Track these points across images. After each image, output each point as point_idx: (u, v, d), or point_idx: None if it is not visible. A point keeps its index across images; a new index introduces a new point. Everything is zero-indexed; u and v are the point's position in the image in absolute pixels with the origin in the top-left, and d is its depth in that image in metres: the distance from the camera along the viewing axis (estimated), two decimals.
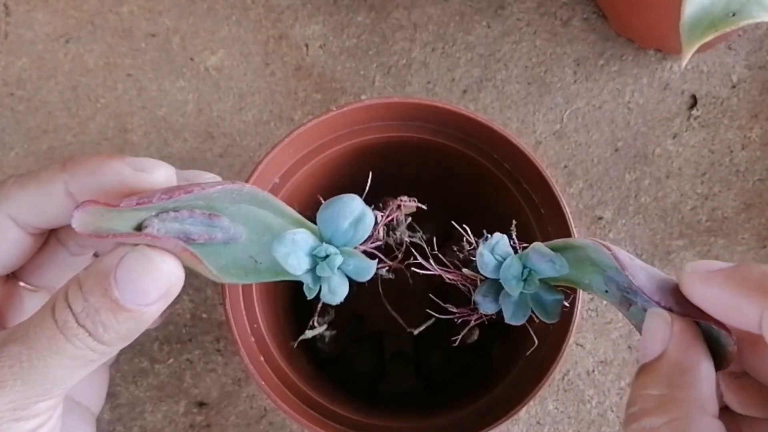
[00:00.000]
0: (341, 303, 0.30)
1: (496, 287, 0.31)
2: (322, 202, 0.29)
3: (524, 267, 0.30)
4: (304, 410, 0.38)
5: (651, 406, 0.24)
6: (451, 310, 0.32)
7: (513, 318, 0.31)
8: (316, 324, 0.36)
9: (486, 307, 0.31)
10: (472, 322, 0.32)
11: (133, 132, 0.52)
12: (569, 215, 0.38)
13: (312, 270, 0.29)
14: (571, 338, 0.37)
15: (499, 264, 0.30)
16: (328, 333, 0.38)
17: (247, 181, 0.38)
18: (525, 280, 0.30)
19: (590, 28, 0.53)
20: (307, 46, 0.53)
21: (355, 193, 0.30)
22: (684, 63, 0.35)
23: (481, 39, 0.53)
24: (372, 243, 0.30)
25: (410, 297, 0.40)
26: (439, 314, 0.33)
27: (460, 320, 0.32)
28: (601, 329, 0.50)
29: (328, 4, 0.54)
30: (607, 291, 0.29)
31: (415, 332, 0.39)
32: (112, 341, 0.27)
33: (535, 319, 0.31)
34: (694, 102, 0.52)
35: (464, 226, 0.32)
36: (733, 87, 0.52)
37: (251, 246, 0.28)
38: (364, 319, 0.49)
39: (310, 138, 0.40)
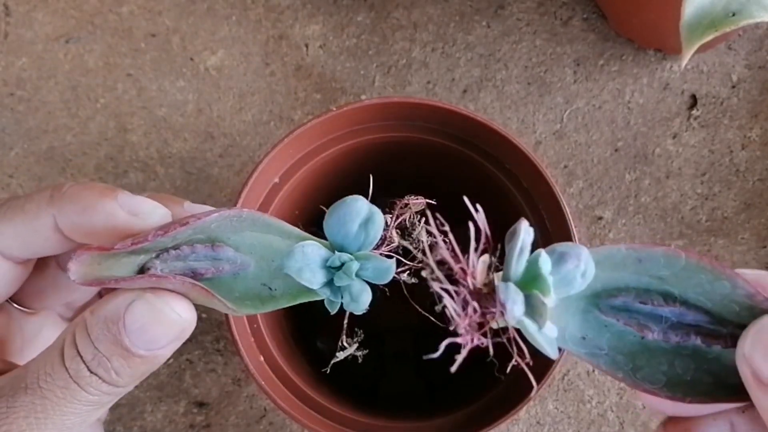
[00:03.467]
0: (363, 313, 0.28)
1: (520, 292, 0.24)
2: (325, 210, 0.28)
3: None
4: (304, 410, 0.38)
5: None
6: (464, 320, 0.25)
7: (547, 329, 0.24)
8: (345, 344, 0.34)
9: (516, 312, 0.23)
10: (483, 340, 0.25)
11: (133, 132, 0.52)
12: (569, 215, 0.38)
13: (329, 282, 0.27)
14: None
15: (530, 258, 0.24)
16: (359, 353, 0.36)
17: (247, 181, 0.38)
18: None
19: (590, 28, 0.53)
20: (307, 46, 0.53)
21: (356, 193, 0.29)
22: (684, 63, 0.35)
23: (481, 39, 0.53)
24: (386, 247, 0.29)
25: (414, 294, 0.40)
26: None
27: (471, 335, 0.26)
28: None
29: (328, 4, 0.54)
30: (584, 337, 0.24)
31: (453, 369, 0.34)
32: (126, 383, 0.27)
33: (524, 353, 0.25)
34: (694, 102, 0.52)
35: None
36: (733, 87, 0.52)
37: (262, 273, 0.27)
38: (364, 319, 0.49)
39: (310, 138, 0.40)
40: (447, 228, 0.27)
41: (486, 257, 0.25)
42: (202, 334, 0.49)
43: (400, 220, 0.31)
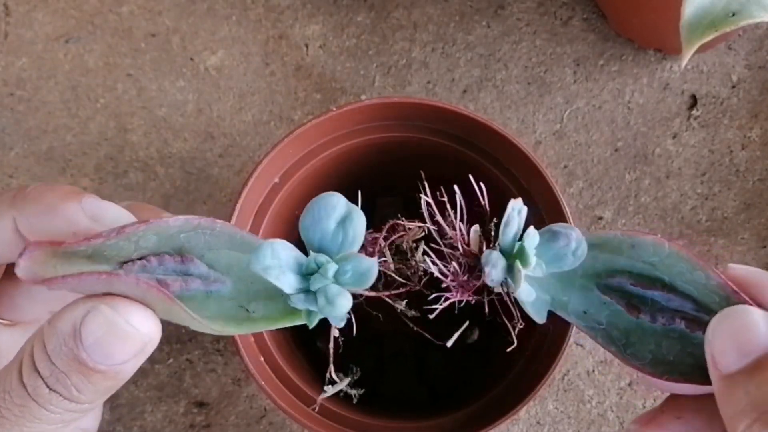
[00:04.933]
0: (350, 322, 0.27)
1: (504, 259, 0.28)
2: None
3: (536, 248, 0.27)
4: (304, 410, 0.38)
5: None
6: (449, 278, 0.28)
7: (523, 292, 0.27)
8: (336, 378, 0.31)
9: (495, 275, 0.27)
10: (470, 298, 0.29)
11: (133, 132, 0.52)
12: (569, 215, 0.38)
13: (305, 291, 0.25)
14: (571, 338, 0.37)
15: (518, 233, 0.27)
16: (354, 392, 0.33)
17: (247, 181, 0.38)
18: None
19: (590, 28, 0.53)
20: (307, 46, 0.53)
21: (355, 194, 0.28)
22: (684, 63, 0.35)
23: (481, 39, 0.53)
24: (378, 258, 0.27)
25: (414, 293, 0.40)
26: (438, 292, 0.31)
27: (454, 298, 0.29)
28: None
29: (328, 4, 0.54)
30: (585, 311, 0.27)
31: (449, 344, 0.35)
32: (90, 400, 0.25)
33: (517, 316, 0.29)
34: (694, 102, 0.52)
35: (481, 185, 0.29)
36: (733, 87, 0.52)
37: (239, 295, 0.25)
38: (363, 320, 0.49)
39: (310, 138, 0.40)
40: (445, 199, 0.29)
41: (477, 227, 0.28)
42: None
43: (391, 240, 0.28)
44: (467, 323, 0.37)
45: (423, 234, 0.30)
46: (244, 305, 0.25)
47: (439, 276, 0.28)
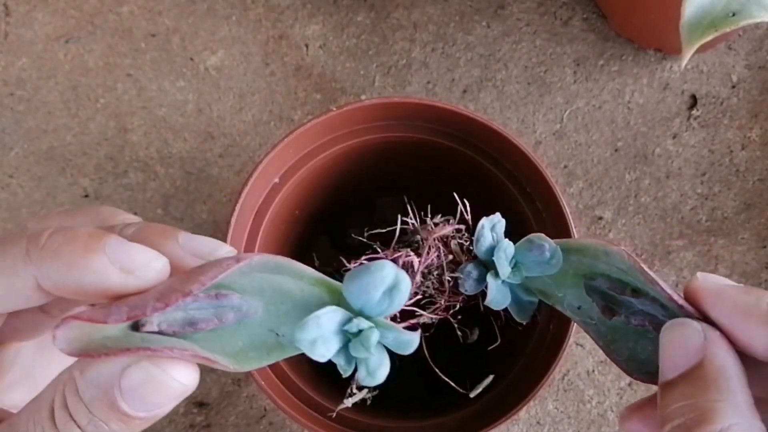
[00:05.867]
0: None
1: (480, 269, 0.31)
2: (350, 267, 0.26)
3: (514, 256, 0.30)
4: (304, 410, 0.38)
5: (700, 416, 0.23)
6: (426, 289, 0.31)
7: (493, 301, 0.30)
8: (355, 390, 0.33)
9: (468, 285, 0.30)
10: (457, 302, 0.31)
11: (133, 132, 0.52)
12: (569, 215, 0.38)
13: (344, 348, 0.25)
14: (571, 338, 0.37)
15: (493, 245, 0.30)
16: (369, 396, 0.35)
17: (247, 181, 0.38)
18: (512, 269, 0.30)
19: (590, 28, 0.53)
20: (307, 46, 0.53)
21: (356, 194, 0.29)
22: (684, 63, 0.35)
23: (481, 39, 0.53)
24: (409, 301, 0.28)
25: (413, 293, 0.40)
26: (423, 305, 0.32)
27: (438, 305, 0.32)
28: None
29: (328, 4, 0.54)
30: (579, 307, 0.29)
31: (472, 395, 0.38)
32: None
33: (502, 317, 0.31)
34: (694, 102, 0.52)
35: (464, 201, 0.32)
36: (733, 87, 0.52)
37: (269, 318, 0.25)
38: None
39: (310, 138, 0.40)
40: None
41: (449, 227, 0.31)
42: None
43: (429, 259, 0.30)
44: (488, 375, 0.39)
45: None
46: (273, 329, 0.25)
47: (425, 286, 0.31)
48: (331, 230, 0.49)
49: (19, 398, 0.27)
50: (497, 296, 0.30)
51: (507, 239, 0.30)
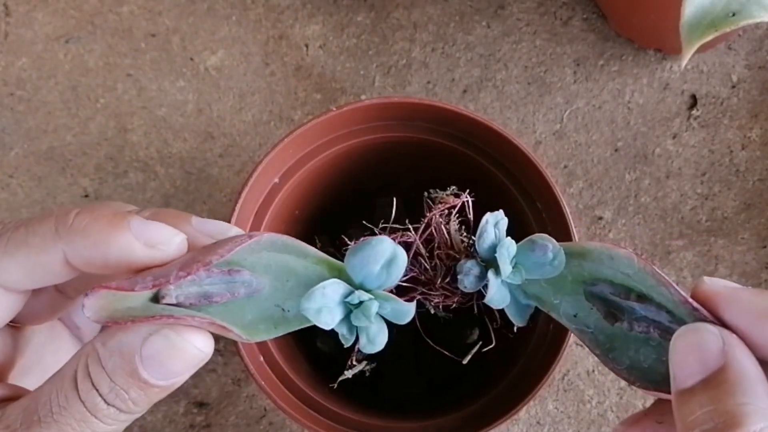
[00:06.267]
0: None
1: (481, 267, 0.30)
2: (350, 245, 0.27)
3: (515, 257, 0.29)
4: (304, 410, 0.38)
5: (730, 419, 0.22)
6: (421, 280, 0.30)
7: (493, 300, 0.29)
8: (355, 362, 0.35)
9: (467, 282, 0.30)
10: (453, 302, 0.31)
11: (133, 132, 0.52)
12: (569, 215, 0.38)
13: (346, 318, 0.27)
14: (571, 338, 0.37)
15: (495, 243, 0.29)
16: (368, 368, 0.37)
17: (247, 181, 0.38)
18: (513, 269, 0.29)
19: (590, 28, 0.53)
20: (307, 46, 0.53)
21: (356, 194, 0.29)
22: (684, 63, 0.35)
23: (481, 39, 0.53)
24: (405, 276, 0.28)
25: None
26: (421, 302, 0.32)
27: (436, 300, 0.31)
28: None
29: (328, 4, 0.54)
30: (576, 315, 0.28)
31: (465, 361, 0.38)
32: (143, 409, 0.26)
33: (498, 318, 0.31)
34: (694, 102, 0.52)
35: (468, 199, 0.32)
36: (733, 87, 0.52)
37: (276, 294, 0.27)
38: None
39: (310, 138, 0.40)
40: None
41: (455, 225, 0.31)
42: None
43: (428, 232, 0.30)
44: (478, 343, 0.39)
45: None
46: (279, 304, 0.27)
47: (420, 275, 0.30)
48: (331, 230, 0.49)
49: (31, 383, 0.28)
50: (497, 295, 0.29)
51: (509, 238, 0.29)
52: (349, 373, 0.35)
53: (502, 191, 0.41)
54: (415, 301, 0.27)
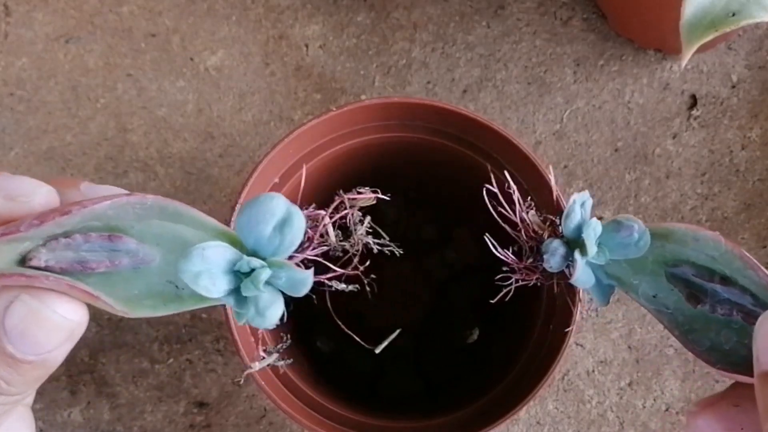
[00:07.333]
0: (338, 302, 0.27)
1: (565, 247, 0.29)
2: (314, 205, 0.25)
3: (599, 237, 0.29)
4: (304, 410, 0.38)
5: None
6: (508, 260, 0.29)
7: (579, 280, 0.28)
8: (263, 354, 0.30)
9: (554, 262, 0.29)
10: (532, 280, 0.30)
11: (133, 132, 0.52)
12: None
13: (236, 290, 0.24)
14: (571, 338, 0.37)
15: (581, 223, 0.29)
16: (282, 363, 0.31)
17: (246, 181, 0.38)
18: (597, 249, 0.29)
19: (590, 28, 0.53)
20: (307, 46, 0.53)
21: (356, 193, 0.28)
22: (684, 63, 0.35)
23: (481, 39, 0.53)
24: (313, 249, 0.25)
25: (414, 293, 0.40)
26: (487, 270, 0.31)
27: (513, 279, 0.30)
28: (601, 329, 0.50)
29: (328, 4, 0.54)
30: (655, 295, 0.28)
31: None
32: (20, 390, 0.24)
33: (588, 294, 0.30)
34: (694, 102, 0.52)
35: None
36: (733, 87, 0.52)
37: (168, 269, 0.24)
38: (364, 319, 0.49)
39: (310, 138, 0.40)
40: (516, 193, 0.30)
41: (534, 212, 0.31)
42: (202, 334, 0.49)
43: (334, 218, 0.27)
44: (478, 343, 0.37)
45: (372, 203, 0.29)
46: (172, 281, 0.24)
47: (504, 258, 0.29)
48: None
49: None
50: (583, 276, 0.29)
51: (594, 218, 0.29)
52: (256, 367, 0.30)
53: (501, 191, 0.41)
54: (312, 269, 0.24)
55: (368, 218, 0.28)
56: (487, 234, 0.30)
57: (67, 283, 0.23)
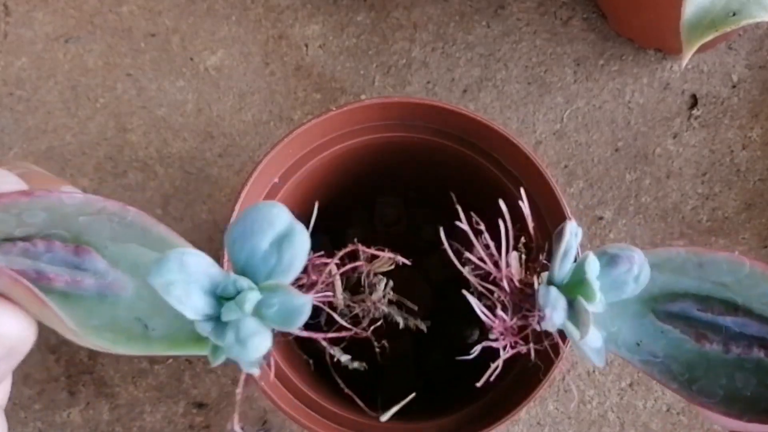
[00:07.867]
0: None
1: (564, 296, 0.23)
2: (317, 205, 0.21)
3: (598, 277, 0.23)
4: (304, 410, 0.38)
5: None
6: (493, 323, 0.23)
7: (590, 340, 0.22)
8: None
9: (556, 317, 0.22)
10: (524, 346, 0.24)
11: (132, 132, 0.52)
12: (569, 215, 0.38)
13: (216, 318, 0.20)
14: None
15: (581, 262, 0.22)
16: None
17: (246, 181, 0.37)
18: None
19: (590, 28, 0.53)
20: (307, 46, 0.53)
21: (356, 194, 0.28)
22: (684, 63, 0.35)
23: (481, 39, 0.53)
24: (316, 293, 0.21)
25: (414, 293, 0.40)
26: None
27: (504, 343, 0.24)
28: None
29: (328, 4, 0.54)
30: (639, 343, 0.23)
31: (484, 379, 0.30)
32: None
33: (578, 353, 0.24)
34: (694, 102, 0.52)
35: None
36: (734, 87, 0.52)
37: (140, 304, 0.20)
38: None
39: (310, 138, 0.40)
40: (482, 227, 0.24)
41: (515, 253, 0.23)
42: None
43: (344, 269, 0.22)
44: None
45: (391, 266, 0.24)
46: (142, 318, 0.20)
47: (487, 321, 0.23)
48: (331, 230, 0.49)
49: None
50: (594, 331, 0.22)
51: (588, 251, 0.23)
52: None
53: (502, 192, 0.41)
54: (311, 296, 0.21)
55: (390, 283, 0.23)
56: (464, 290, 0.24)
57: (10, 273, 0.18)
